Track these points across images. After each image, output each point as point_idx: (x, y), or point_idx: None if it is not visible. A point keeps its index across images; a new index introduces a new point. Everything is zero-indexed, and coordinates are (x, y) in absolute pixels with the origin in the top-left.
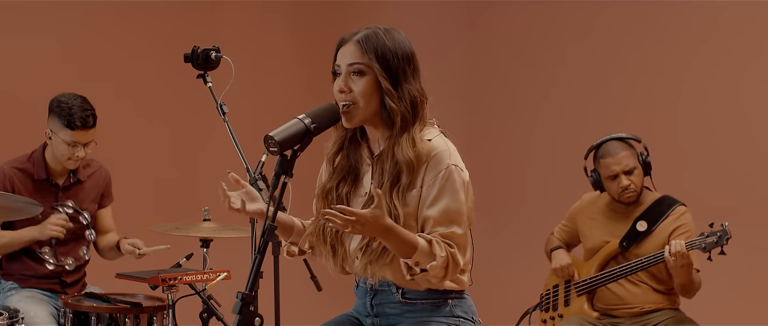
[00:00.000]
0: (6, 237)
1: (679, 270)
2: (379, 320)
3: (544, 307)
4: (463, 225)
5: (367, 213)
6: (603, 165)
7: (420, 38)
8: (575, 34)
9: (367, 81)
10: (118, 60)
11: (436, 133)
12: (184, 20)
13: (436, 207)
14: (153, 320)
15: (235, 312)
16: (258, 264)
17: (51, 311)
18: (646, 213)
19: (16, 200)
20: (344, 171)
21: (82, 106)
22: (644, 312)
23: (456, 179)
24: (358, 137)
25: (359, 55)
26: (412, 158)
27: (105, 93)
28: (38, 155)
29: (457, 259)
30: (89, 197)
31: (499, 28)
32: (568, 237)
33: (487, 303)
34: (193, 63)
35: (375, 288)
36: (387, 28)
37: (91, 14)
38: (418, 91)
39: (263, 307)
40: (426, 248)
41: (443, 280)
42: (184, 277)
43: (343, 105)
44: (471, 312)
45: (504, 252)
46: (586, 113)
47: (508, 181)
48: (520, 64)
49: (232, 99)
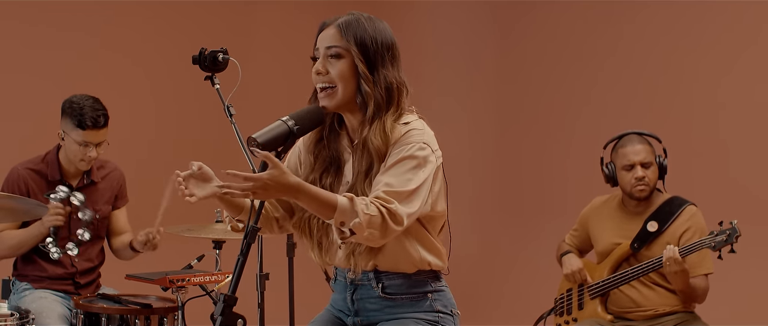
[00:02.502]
0: (18, 236)
1: (673, 276)
2: (360, 319)
3: (558, 311)
4: (411, 186)
5: (263, 175)
6: (620, 155)
7: (450, 39)
8: (605, 35)
9: (344, 64)
10: (143, 60)
11: (414, 118)
12: (219, 20)
13: (389, 172)
14: (164, 321)
15: (218, 314)
16: (241, 266)
17: (64, 312)
18: (657, 213)
19: (24, 202)
20: (327, 162)
21: (94, 107)
22: (658, 314)
23: (420, 154)
24: (337, 126)
25: (338, 38)
26: (381, 146)
27: (126, 93)
28: (52, 156)
29: (396, 213)
30: (103, 198)
31: (529, 28)
32: (580, 243)
33: (507, 305)
34: (201, 65)
35: (355, 283)
36: (370, 16)
37: (122, 14)
38: (396, 79)
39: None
40: (346, 206)
41: (380, 240)
42: (192, 278)
43: (320, 87)
44: (450, 305)
45: (530, 254)
46: (616, 116)
47: (537, 184)
48: (550, 65)
49: (265, 98)
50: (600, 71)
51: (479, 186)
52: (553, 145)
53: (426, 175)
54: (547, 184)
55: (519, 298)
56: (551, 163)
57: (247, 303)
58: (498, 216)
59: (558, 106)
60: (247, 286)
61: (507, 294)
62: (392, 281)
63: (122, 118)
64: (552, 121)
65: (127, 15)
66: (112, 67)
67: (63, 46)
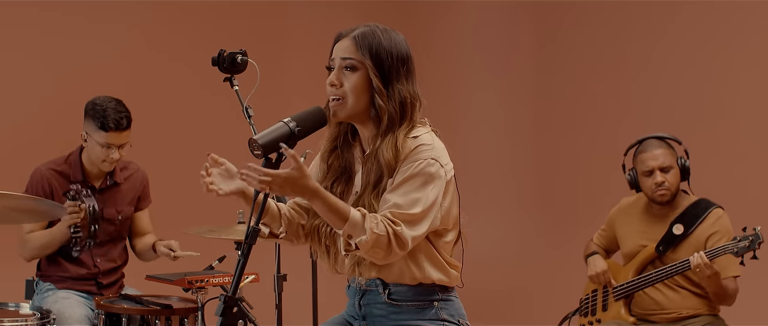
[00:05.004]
0: (44, 237)
1: (705, 280)
2: (366, 323)
3: (582, 312)
4: (418, 207)
5: (281, 173)
6: (640, 161)
7: (488, 39)
8: (644, 36)
9: (359, 77)
10: (170, 61)
11: (425, 131)
12: (249, 21)
13: (398, 191)
14: (184, 322)
15: (218, 313)
16: (241, 267)
17: (86, 312)
18: (683, 216)
19: (43, 203)
20: (338, 171)
21: (116, 109)
22: (681, 317)
23: (428, 171)
24: (350, 137)
25: (353, 50)
26: (392, 160)
27: (150, 94)
28: (75, 157)
29: (402, 237)
30: (126, 199)
31: (567, 28)
32: (607, 243)
33: (538, 304)
34: (220, 66)
35: (363, 288)
36: (386, 28)
37: (154, 12)
38: (410, 93)
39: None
40: (358, 220)
41: (383, 260)
42: (211, 279)
43: (332, 98)
44: (458, 314)
45: (565, 254)
46: (654, 118)
47: (574, 185)
48: (588, 65)
49: (295, 99)
50: (639, 72)
51: (517, 187)
52: (591, 145)
53: (435, 194)
54: (584, 185)
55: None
56: (589, 164)
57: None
58: (535, 215)
59: (596, 105)
60: (268, 287)
61: (541, 293)
62: (398, 288)
63: (146, 119)
64: (589, 122)
65: (154, 15)
66: (137, 68)
67: (88, 46)
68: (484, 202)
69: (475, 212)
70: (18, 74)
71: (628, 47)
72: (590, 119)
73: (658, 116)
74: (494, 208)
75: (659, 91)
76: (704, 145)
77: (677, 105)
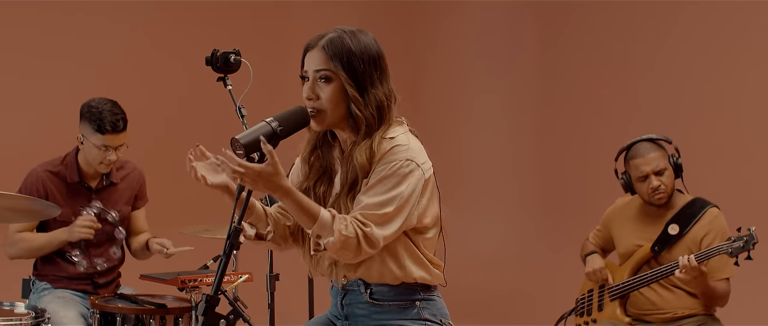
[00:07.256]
0: (41, 239)
1: (692, 282)
2: (349, 324)
3: (578, 312)
4: (389, 207)
5: (255, 167)
6: (633, 166)
7: (492, 39)
8: (648, 37)
9: (334, 88)
10: (169, 61)
11: (402, 131)
12: (256, 18)
13: (370, 192)
14: (179, 321)
15: (200, 313)
16: (223, 267)
17: (82, 312)
18: (678, 216)
19: (37, 203)
20: (320, 171)
21: (112, 111)
22: (677, 317)
23: (402, 172)
24: (330, 138)
25: (325, 61)
26: (365, 163)
27: (147, 94)
28: (71, 158)
29: (371, 238)
30: (122, 199)
31: (571, 29)
32: (603, 242)
33: (538, 304)
34: (213, 66)
35: (345, 288)
36: (353, 30)
37: (156, 11)
38: (386, 95)
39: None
40: (327, 221)
41: (352, 260)
42: (204, 279)
43: (309, 111)
44: (440, 314)
45: (567, 255)
46: (659, 118)
47: (577, 186)
48: (593, 66)
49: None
50: (642, 74)
51: (520, 188)
52: (594, 148)
53: (408, 193)
54: (587, 187)
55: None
56: (592, 167)
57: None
58: (537, 217)
59: (599, 107)
60: (262, 286)
61: (542, 294)
62: (380, 288)
63: (144, 118)
64: (592, 124)
65: (156, 15)
66: (137, 68)
67: (88, 45)
68: (487, 203)
69: (477, 213)
70: (18, 74)
71: (631, 49)
72: (593, 121)
73: (661, 118)
74: (497, 209)
75: (663, 93)
76: (708, 147)
77: (681, 107)
